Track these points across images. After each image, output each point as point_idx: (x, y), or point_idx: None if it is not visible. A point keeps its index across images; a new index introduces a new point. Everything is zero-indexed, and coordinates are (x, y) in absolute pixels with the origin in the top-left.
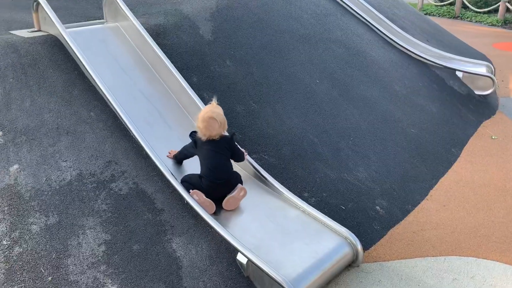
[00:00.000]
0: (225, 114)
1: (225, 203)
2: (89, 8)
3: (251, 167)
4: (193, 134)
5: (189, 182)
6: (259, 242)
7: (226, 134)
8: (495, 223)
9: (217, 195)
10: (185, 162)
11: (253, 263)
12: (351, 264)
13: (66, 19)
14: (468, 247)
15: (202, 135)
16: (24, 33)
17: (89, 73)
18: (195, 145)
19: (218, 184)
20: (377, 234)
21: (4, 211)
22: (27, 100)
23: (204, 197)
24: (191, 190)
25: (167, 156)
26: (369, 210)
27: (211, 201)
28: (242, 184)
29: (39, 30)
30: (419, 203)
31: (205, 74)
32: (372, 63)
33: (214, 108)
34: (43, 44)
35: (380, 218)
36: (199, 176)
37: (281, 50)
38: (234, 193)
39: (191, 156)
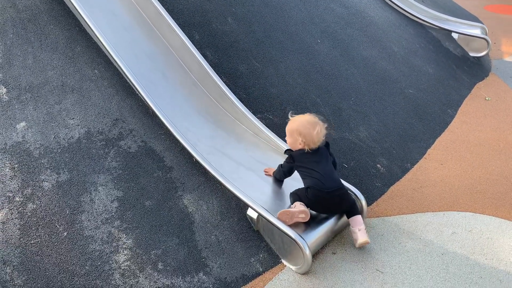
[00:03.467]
0: (229, 74)
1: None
2: None
3: (257, 125)
4: (288, 152)
5: (296, 194)
6: (268, 199)
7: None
8: (490, 180)
9: (324, 209)
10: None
11: (264, 218)
12: None
13: None
14: (465, 202)
15: (300, 145)
16: None
17: (91, 29)
18: (293, 160)
19: (328, 193)
20: (378, 191)
21: (14, 168)
22: (29, 56)
23: (303, 206)
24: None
25: (265, 174)
26: (370, 168)
27: (307, 210)
28: (359, 214)
29: None
30: (418, 161)
31: (207, 32)
32: (370, 23)
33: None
34: None
35: (381, 175)
36: (305, 188)
37: (282, 8)
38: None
39: (291, 172)
